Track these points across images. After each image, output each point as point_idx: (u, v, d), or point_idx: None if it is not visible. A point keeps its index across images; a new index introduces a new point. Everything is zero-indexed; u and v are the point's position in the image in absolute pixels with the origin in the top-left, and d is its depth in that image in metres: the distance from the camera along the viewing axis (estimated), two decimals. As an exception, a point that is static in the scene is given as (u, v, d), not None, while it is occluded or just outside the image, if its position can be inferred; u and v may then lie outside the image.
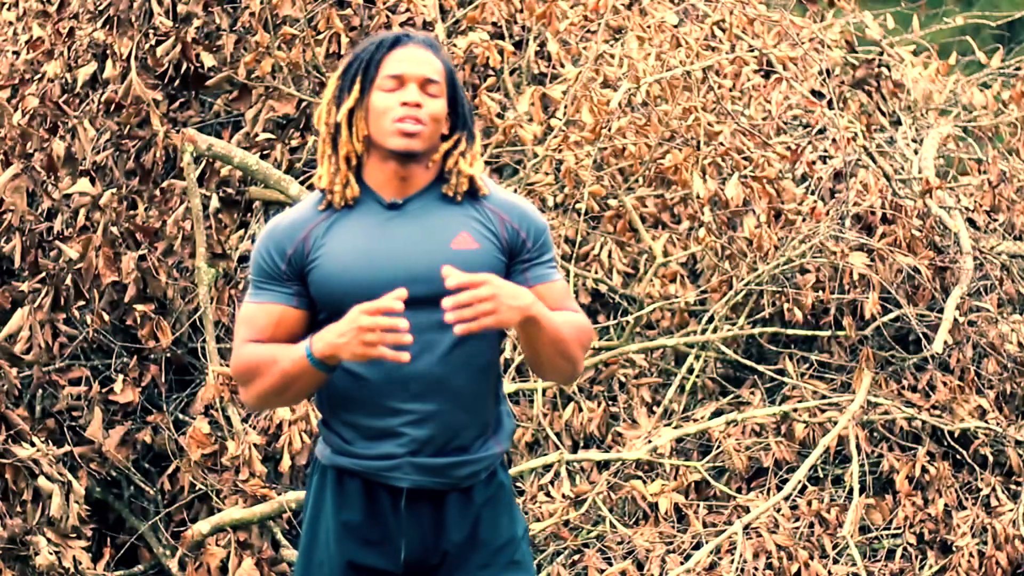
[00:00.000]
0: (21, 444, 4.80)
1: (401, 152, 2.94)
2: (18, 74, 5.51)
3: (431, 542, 3.03)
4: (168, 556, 5.40)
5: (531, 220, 3.04)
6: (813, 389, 5.76)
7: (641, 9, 6.04)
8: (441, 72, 2.99)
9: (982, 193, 6.04)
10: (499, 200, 3.05)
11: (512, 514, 3.10)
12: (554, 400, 6.05)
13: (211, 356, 5.50)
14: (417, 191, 3.00)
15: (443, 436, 2.98)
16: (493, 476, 3.07)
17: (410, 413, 2.96)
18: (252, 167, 5.74)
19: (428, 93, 2.96)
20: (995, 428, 5.47)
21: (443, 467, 2.99)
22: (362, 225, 2.98)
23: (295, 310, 3.00)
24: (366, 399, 2.98)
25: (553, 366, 3.00)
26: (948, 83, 6.55)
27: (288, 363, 2.92)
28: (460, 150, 3.02)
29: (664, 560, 5.35)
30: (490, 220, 3.01)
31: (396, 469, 2.98)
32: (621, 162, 6.07)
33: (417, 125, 2.93)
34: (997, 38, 8.45)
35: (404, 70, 2.96)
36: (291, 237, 2.99)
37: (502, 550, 3.05)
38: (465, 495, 3.03)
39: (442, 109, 2.98)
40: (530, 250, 3.03)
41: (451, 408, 2.98)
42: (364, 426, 3.00)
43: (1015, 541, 5.17)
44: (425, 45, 3.00)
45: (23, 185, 5.27)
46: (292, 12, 5.89)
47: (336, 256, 2.96)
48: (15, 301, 5.31)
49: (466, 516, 3.03)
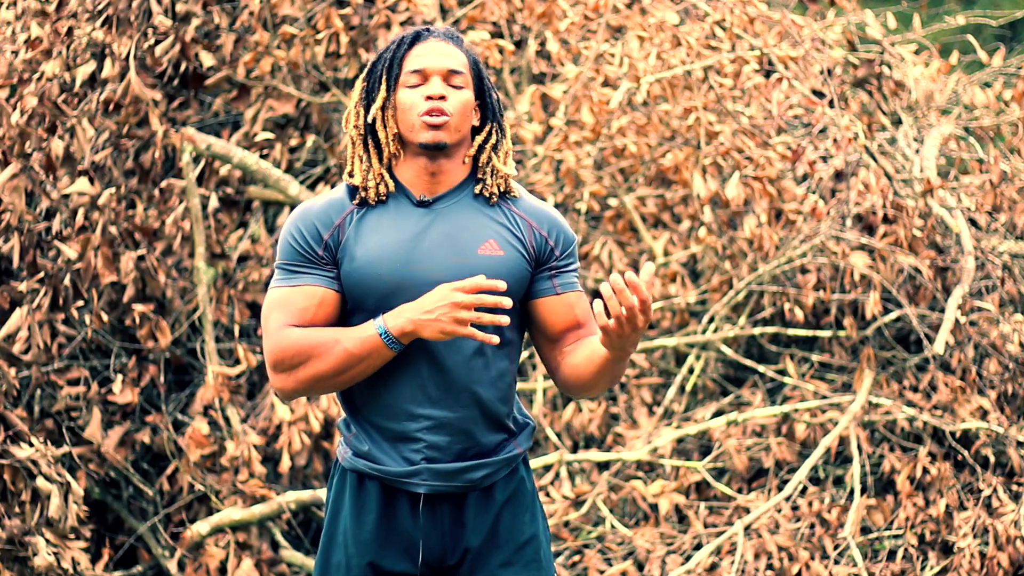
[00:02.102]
0: (20, 444, 4.79)
1: (430, 145, 2.94)
2: (16, 73, 5.49)
3: (450, 542, 3.03)
4: (167, 557, 5.39)
5: (561, 229, 3.06)
6: (814, 389, 5.75)
7: (641, 8, 6.02)
8: (465, 63, 3.00)
9: (983, 193, 6.02)
10: (529, 206, 3.06)
11: (534, 511, 3.10)
12: (554, 400, 6.04)
13: (210, 356, 5.49)
14: (449, 189, 3.00)
15: (460, 442, 2.99)
16: (514, 473, 3.07)
17: (427, 419, 2.97)
18: (251, 167, 5.73)
19: (452, 85, 2.97)
20: (996, 428, 5.45)
21: (460, 471, 2.99)
22: (392, 222, 2.97)
23: (336, 293, 2.98)
24: (386, 402, 2.98)
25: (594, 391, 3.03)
26: (949, 82, 6.54)
27: (353, 342, 2.89)
28: (492, 143, 3.03)
29: (664, 561, 5.34)
30: (518, 227, 3.02)
31: (414, 476, 2.98)
32: (621, 162, 6.06)
33: (442, 116, 2.93)
34: (998, 37, 8.44)
35: (426, 64, 2.97)
36: (326, 222, 2.98)
37: (523, 548, 3.06)
38: (486, 493, 3.04)
39: (469, 99, 2.98)
40: (558, 258, 3.04)
41: (468, 415, 2.98)
42: (383, 428, 3.00)
43: (1016, 542, 5.16)
44: (446, 37, 3.01)
45: (22, 185, 5.25)
46: (291, 11, 5.88)
47: (365, 250, 2.95)
48: (13, 301, 5.30)
49: (487, 514, 3.04)
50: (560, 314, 3.03)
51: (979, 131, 6.48)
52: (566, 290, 3.04)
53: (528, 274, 3.02)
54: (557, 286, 3.03)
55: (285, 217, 5.87)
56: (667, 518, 5.53)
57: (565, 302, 3.03)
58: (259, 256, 5.82)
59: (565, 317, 3.04)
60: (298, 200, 5.73)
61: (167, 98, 5.92)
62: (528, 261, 3.01)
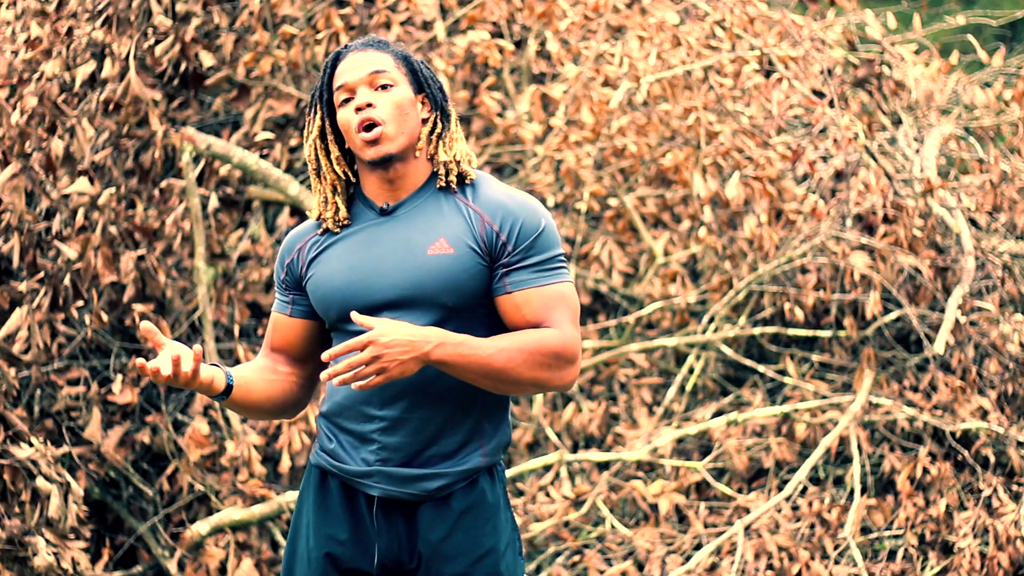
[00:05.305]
0: (19, 444, 4.79)
1: (376, 160, 2.94)
2: (16, 73, 5.49)
3: (405, 545, 3.01)
4: (167, 557, 5.38)
5: (515, 220, 2.91)
6: (814, 389, 5.75)
7: (641, 8, 6.02)
8: (388, 62, 2.97)
9: (984, 193, 6.02)
10: (486, 198, 2.95)
11: (496, 524, 3.02)
12: (554, 400, 6.04)
13: (210, 356, 5.49)
14: (412, 192, 2.98)
15: (416, 444, 2.95)
16: (474, 484, 3.00)
17: (382, 420, 2.95)
18: (251, 167, 5.73)
19: (380, 87, 2.94)
20: (997, 428, 5.45)
21: (413, 478, 2.96)
22: (357, 236, 2.99)
23: (289, 318, 3.07)
24: (345, 403, 2.99)
25: (503, 391, 2.91)
26: (949, 82, 6.54)
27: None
28: (437, 132, 2.99)
29: (664, 561, 5.34)
30: (471, 221, 2.93)
31: (368, 477, 2.98)
32: (621, 162, 6.06)
33: (376, 128, 2.92)
34: (999, 37, 8.44)
35: (347, 79, 2.95)
36: (290, 248, 3.06)
37: (481, 560, 2.99)
38: (442, 502, 2.98)
39: (402, 96, 2.95)
40: (511, 253, 2.91)
41: (427, 415, 2.94)
42: (344, 428, 3.01)
43: (1017, 542, 5.16)
44: (365, 46, 2.99)
45: (21, 185, 5.25)
46: (291, 11, 5.88)
47: (326, 267, 2.99)
48: (13, 301, 5.30)
49: (442, 523, 2.98)
50: (510, 315, 2.91)
51: (979, 131, 6.48)
52: (516, 288, 2.90)
53: (485, 269, 2.91)
54: (507, 284, 2.91)
55: (285, 217, 5.87)
56: (667, 518, 5.53)
57: (512, 303, 2.90)
58: (259, 256, 5.82)
59: (515, 317, 2.91)
60: (298, 200, 5.73)
61: (167, 98, 5.92)
62: (481, 256, 2.90)
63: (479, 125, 6.10)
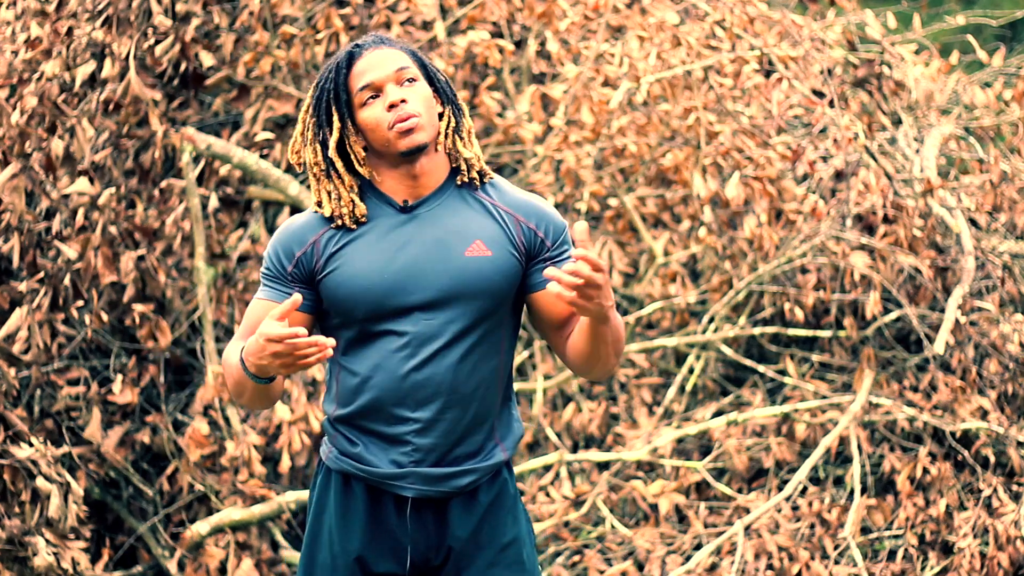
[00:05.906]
0: (19, 444, 4.79)
1: (412, 149, 2.93)
2: (16, 73, 5.49)
3: (435, 542, 3.05)
4: (167, 557, 5.38)
5: (549, 219, 3.02)
6: (814, 389, 5.74)
7: (641, 8, 6.02)
8: (406, 58, 2.98)
9: (984, 193, 6.02)
10: (514, 200, 3.02)
11: (516, 514, 3.11)
12: (554, 400, 6.04)
13: (210, 356, 5.49)
14: (432, 191, 2.99)
15: (447, 443, 2.99)
16: (497, 475, 3.08)
17: (416, 422, 2.97)
18: (251, 167, 5.72)
19: (406, 81, 2.96)
20: (997, 429, 5.45)
21: (447, 477, 2.99)
22: (378, 233, 2.97)
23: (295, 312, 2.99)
24: (376, 406, 2.98)
25: (606, 363, 2.96)
26: (949, 82, 6.53)
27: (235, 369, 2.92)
28: (453, 126, 3.01)
29: (664, 561, 5.34)
30: (506, 223, 2.99)
31: (402, 479, 2.98)
32: (621, 162, 6.06)
33: (412, 119, 2.92)
34: (999, 37, 8.44)
35: (373, 77, 2.95)
36: (301, 240, 2.99)
37: (507, 549, 3.06)
38: (470, 496, 3.04)
39: (427, 90, 2.97)
40: (550, 249, 3.01)
41: (457, 415, 2.98)
42: (372, 431, 3.00)
43: (1017, 542, 5.16)
44: (376, 44, 2.99)
45: (21, 185, 5.25)
46: (291, 11, 5.88)
47: (352, 264, 2.96)
48: (13, 301, 5.30)
49: (470, 517, 3.04)
50: (560, 304, 2.99)
51: (979, 131, 6.47)
52: None
53: (519, 271, 2.99)
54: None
55: (285, 217, 5.87)
56: (667, 518, 5.53)
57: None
58: (259, 256, 5.82)
59: (558, 310, 3.01)
60: (298, 200, 5.73)
61: (167, 98, 5.92)
62: (519, 259, 2.99)
63: (479, 125, 6.10)
